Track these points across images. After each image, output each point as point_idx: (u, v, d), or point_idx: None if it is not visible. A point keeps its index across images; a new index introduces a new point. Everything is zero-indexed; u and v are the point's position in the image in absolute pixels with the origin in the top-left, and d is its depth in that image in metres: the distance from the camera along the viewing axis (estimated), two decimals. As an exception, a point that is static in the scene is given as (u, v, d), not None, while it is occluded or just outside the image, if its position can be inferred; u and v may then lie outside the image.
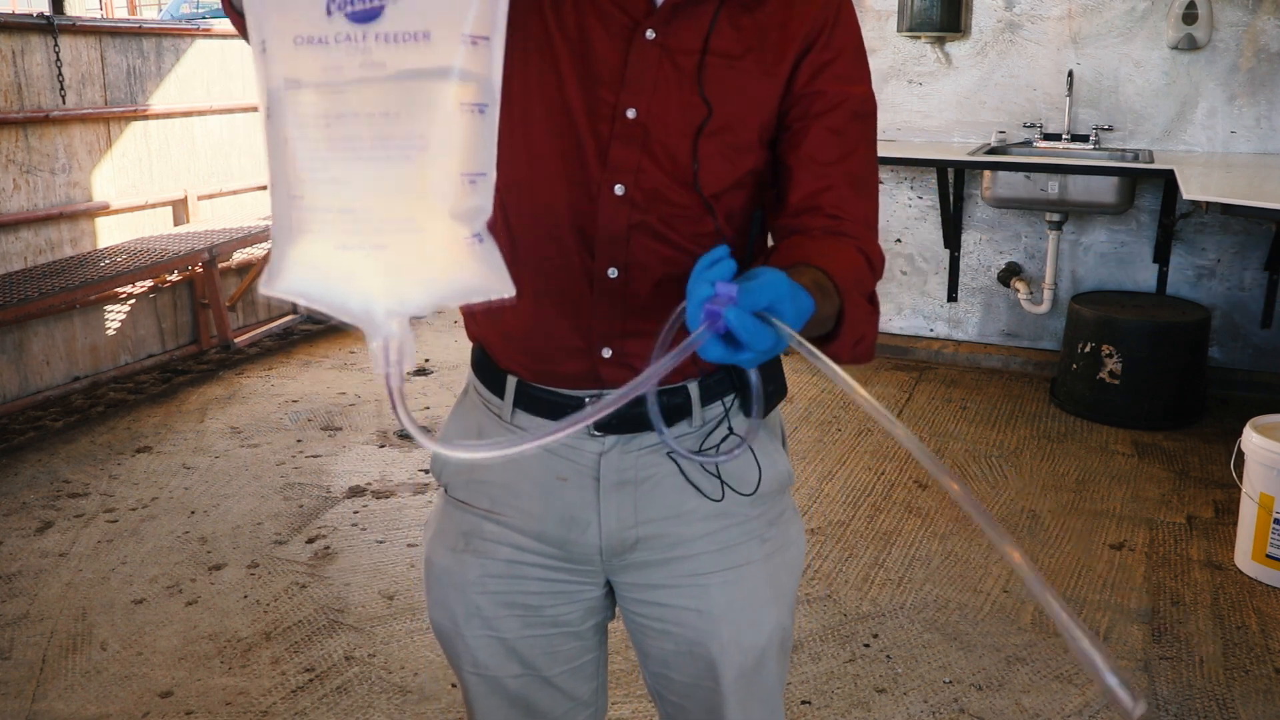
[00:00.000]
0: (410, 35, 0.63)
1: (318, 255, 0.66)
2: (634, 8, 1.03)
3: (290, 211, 0.65)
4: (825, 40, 1.07)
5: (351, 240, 0.65)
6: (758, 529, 1.17)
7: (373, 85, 0.64)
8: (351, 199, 0.65)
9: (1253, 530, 2.82)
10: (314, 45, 0.63)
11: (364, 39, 0.63)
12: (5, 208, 3.99)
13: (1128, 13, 4.26)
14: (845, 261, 1.01)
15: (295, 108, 0.64)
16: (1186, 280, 4.36)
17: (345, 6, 0.63)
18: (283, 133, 0.65)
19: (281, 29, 0.63)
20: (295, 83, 0.64)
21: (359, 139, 0.64)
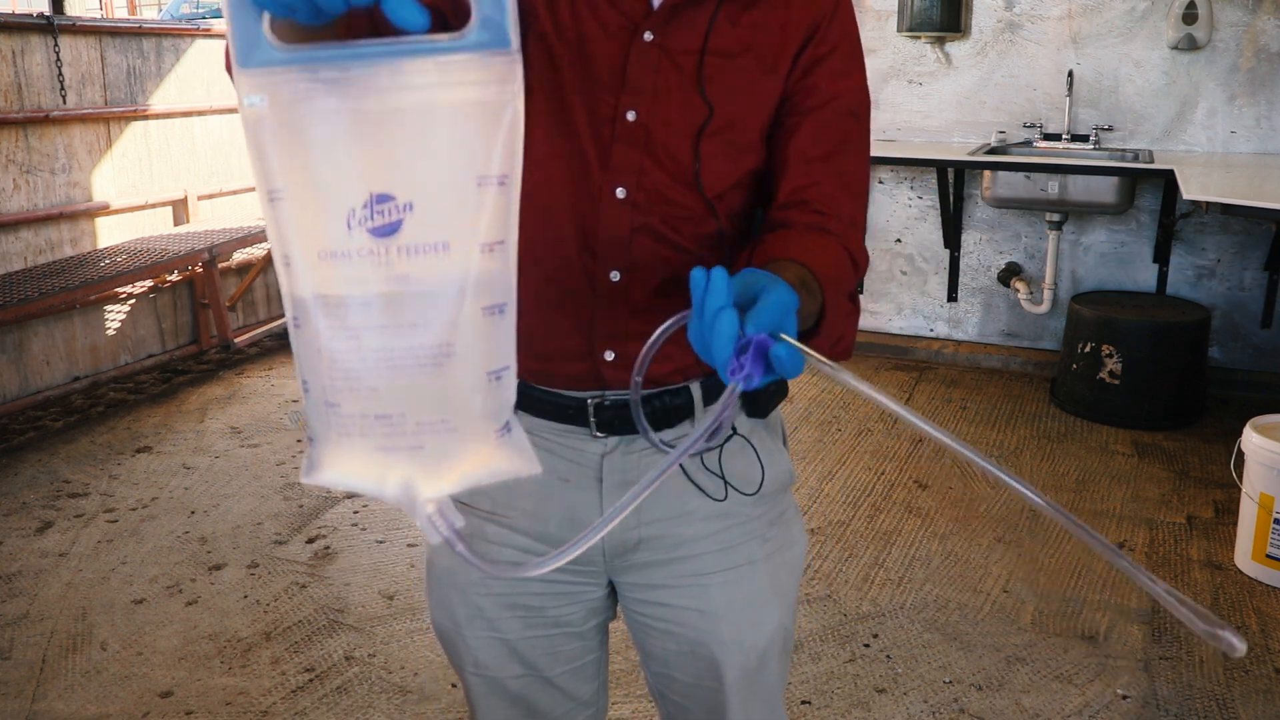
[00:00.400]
0: (430, 247, 0.65)
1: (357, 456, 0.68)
2: (632, 9, 1.02)
3: (328, 416, 0.68)
4: (822, 34, 1.06)
5: (388, 443, 0.68)
6: (759, 529, 1.17)
7: (398, 297, 0.66)
8: (387, 406, 0.67)
9: (1253, 530, 2.82)
10: (338, 259, 0.65)
11: (385, 252, 0.65)
12: (5, 208, 3.99)
13: (1128, 13, 4.26)
14: (829, 258, 1.00)
15: (325, 320, 0.66)
16: (1186, 280, 4.36)
17: (365, 222, 0.64)
18: (315, 344, 0.67)
19: (305, 245, 0.65)
20: (323, 297, 0.66)
21: (390, 349, 0.66)
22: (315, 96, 0.64)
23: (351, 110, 0.64)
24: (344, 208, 0.64)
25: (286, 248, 0.66)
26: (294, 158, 0.65)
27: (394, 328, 0.66)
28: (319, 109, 0.64)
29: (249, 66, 0.64)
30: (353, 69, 0.63)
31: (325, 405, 0.68)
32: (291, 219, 0.65)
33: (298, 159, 0.65)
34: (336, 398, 0.67)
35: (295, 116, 0.64)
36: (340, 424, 0.68)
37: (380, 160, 0.65)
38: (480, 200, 0.66)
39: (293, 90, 0.64)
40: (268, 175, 0.65)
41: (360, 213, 0.64)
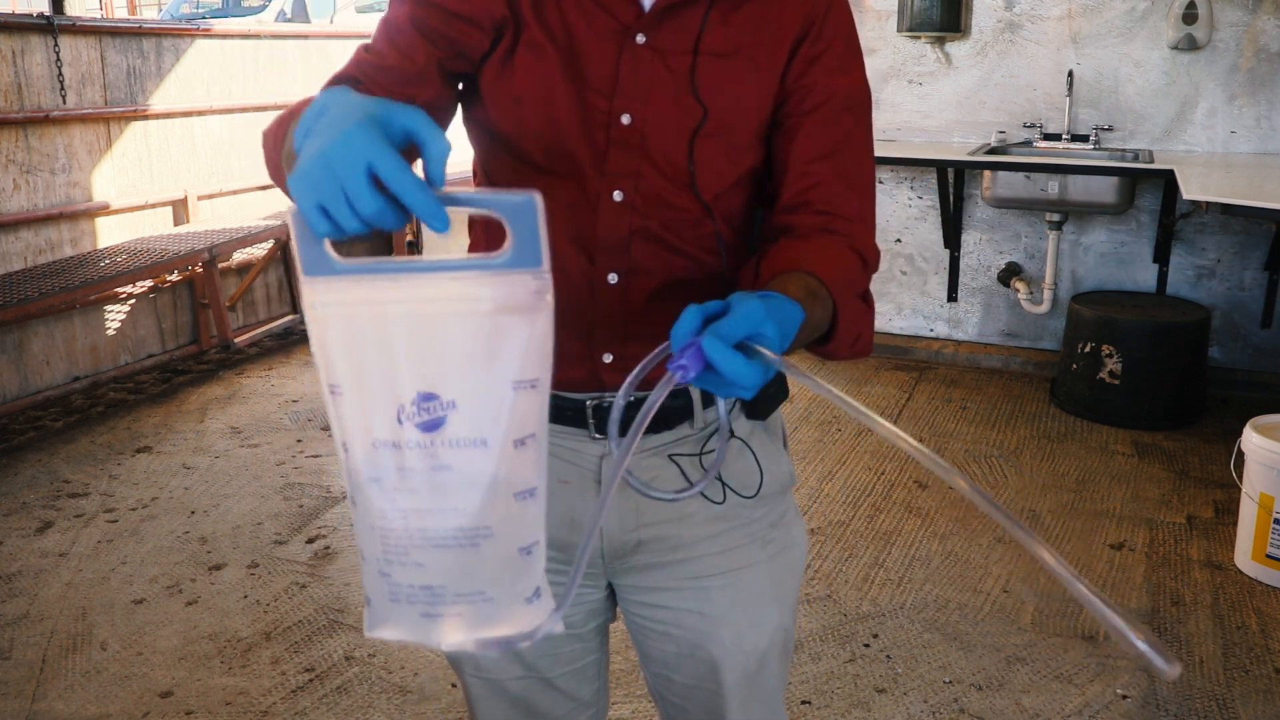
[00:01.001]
0: (470, 442, 0.74)
1: (406, 618, 0.77)
2: (623, 12, 1.02)
3: (381, 584, 0.77)
4: (817, 32, 1.06)
5: (431, 610, 0.77)
6: (760, 531, 1.17)
7: (442, 485, 0.74)
8: (430, 578, 0.76)
9: (1253, 530, 2.82)
10: (390, 449, 0.73)
11: (431, 445, 0.73)
12: (5, 208, 3.99)
13: (1128, 13, 4.26)
14: (835, 262, 1.00)
15: (379, 502, 0.75)
16: (1186, 280, 4.36)
17: (414, 417, 0.73)
18: (369, 521, 0.75)
19: (361, 435, 0.74)
20: (377, 481, 0.74)
21: (434, 530, 0.75)
22: (371, 304, 0.72)
23: (403, 317, 0.72)
24: (395, 403, 0.73)
25: (345, 436, 0.75)
26: (353, 358, 0.73)
27: (438, 511, 0.75)
28: (374, 315, 0.72)
29: (314, 275, 0.72)
30: (403, 281, 0.72)
31: (379, 574, 0.76)
32: (349, 412, 0.74)
33: (356, 359, 0.73)
34: (388, 569, 0.76)
35: (354, 321, 0.72)
36: (391, 591, 0.76)
37: (428, 363, 0.73)
38: (515, 402, 0.74)
39: (352, 297, 0.72)
40: (329, 371, 0.73)
41: (409, 409, 0.73)
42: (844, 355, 1.02)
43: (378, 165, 0.69)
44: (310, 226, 0.71)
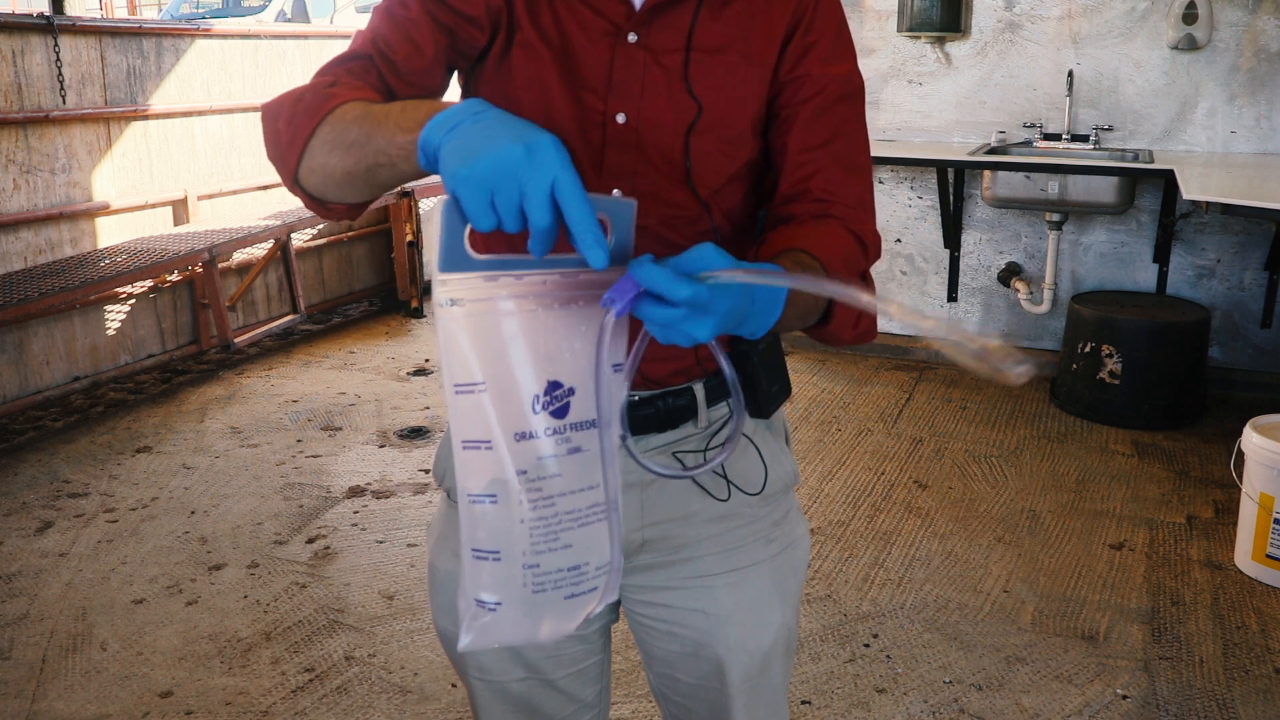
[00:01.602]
0: (588, 423, 0.81)
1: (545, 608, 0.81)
2: (613, 12, 1.02)
3: (524, 579, 0.80)
4: (808, 23, 1.06)
5: (575, 589, 0.82)
6: (763, 529, 1.17)
7: (575, 465, 0.81)
8: (579, 557, 0.82)
9: (1253, 530, 2.82)
10: (528, 440, 0.79)
11: (564, 430, 0.80)
12: (5, 208, 3.99)
13: (1128, 13, 4.26)
14: (831, 241, 1.00)
15: (527, 493, 0.79)
16: (1186, 280, 4.36)
17: (547, 406, 0.79)
18: (516, 515, 0.79)
19: (505, 429, 0.78)
20: (523, 473, 0.79)
21: (577, 510, 0.81)
22: (497, 299, 0.78)
23: (529, 311, 0.78)
24: (529, 394, 0.79)
25: (486, 433, 0.78)
26: (489, 354, 0.78)
27: (577, 491, 0.81)
28: (501, 310, 0.78)
29: (449, 271, 0.76)
30: (527, 277, 0.78)
31: (523, 569, 0.80)
32: (491, 407, 0.78)
33: (493, 354, 0.78)
34: (536, 559, 0.80)
35: (485, 316, 0.77)
36: (537, 582, 0.80)
37: (550, 353, 0.79)
38: (614, 383, 0.81)
39: (482, 293, 0.77)
40: (465, 371, 0.77)
41: (543, 399, 0.79)
42: (847, 339, 1.02)
43: (560, 183, 0.72)
44: (471, 220, 0.74)
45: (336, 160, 0.90)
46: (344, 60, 1.01)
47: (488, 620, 0.80)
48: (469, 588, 0.81)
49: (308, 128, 0.91)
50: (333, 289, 5.58)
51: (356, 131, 0.87)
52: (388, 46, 1.00)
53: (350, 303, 5.68)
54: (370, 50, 1.01)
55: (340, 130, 0.89)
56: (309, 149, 0.91)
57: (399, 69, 1.00)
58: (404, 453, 3.75)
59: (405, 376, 4.61)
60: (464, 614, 0.81)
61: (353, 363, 4.82)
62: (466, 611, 0.81)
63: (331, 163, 0.90)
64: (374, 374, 4.65)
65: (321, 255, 5.48)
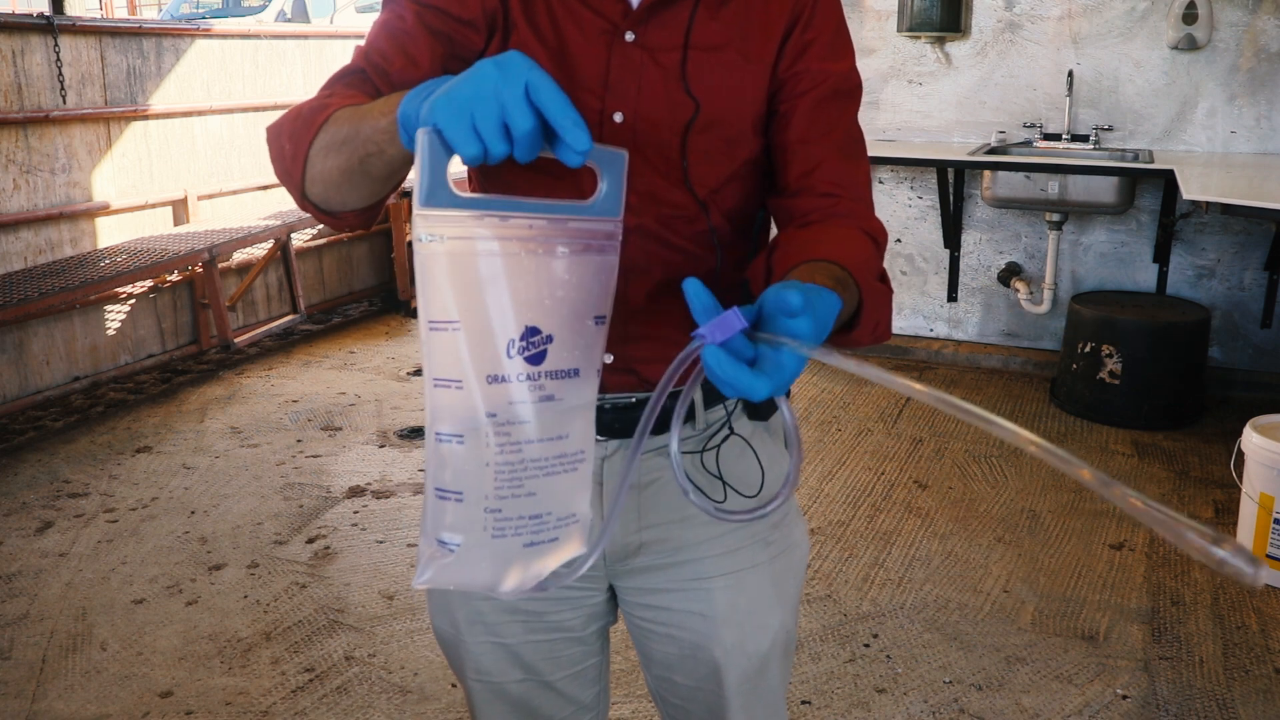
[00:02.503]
0: (566, 373, 0.81)
1: (503, 554, 0.80)
2: (610, 10, 1.02)
3: (485, 521, 0.79)
4: (806, 20, 1.06)
5: (535, 538, 0.81)
6: (762, 532, 1.17)
7: (548, 414, 0.80)
8: (540, 506, 0.81)
9: (1253, 530, 2.82)
10: (502, 383, 0.78)
11: (537, 376, 0.79)
12: (5, 208, 3.99)
13: (1128, 13, 4.26)
14: (853, 247, 1.00)
15: (495, 436, 0.78)
16: (1186, 280, 4.36)
17: (523, 351, 0.78)
18: (482, 457, 0.78)
19: (476, 369, 0.77)
20: (492, 415, 0.78)
21: (545, 458, 0.80)
22: (479, 239, 0.76)
23: (512, 254, 0.77)
24: (505, 338, 0.77)
25: (458, 372, 0.77)
26: (466, 292, 0.76)
27: (547, 440, 0.80)
28: (486, 251, 0.76)
29: (429, 207, 0.74)
30: (510, 219, 0.77)
31: (485, 512, 0.79)
32: (464, 346, 0.77)
33: (470, 294, 0.76)
34: (499, 504, 0.79)
35: (467, 256, 0.76)
36: (498, 526, 0.79)
37: (529, 298, 0.78)
38: (596, 334, 0.82)
39: (463, 231, 0.76)
40: (442, 307, 0.76)
41: (518, 343, 0.78)
42: (866, 342, 1.01)
43: (534, 83, 0.72)
44: (455, 147, 0.73)
45: (332, 161, 0.90)
46: (341, 77, 1.01)
47: (447, 560, 0.79)
48: (430, 527, 0.80)
49: (307, 139, 0.92)
50: (333, 289, 5.58)
51: (346, 129, 0.88)
52: (382, 59, 1.01)
53: (350, 303, 5.68)
54: (364, 64, 1.01)
55: (333, 133, 0.89)
56: (309, 159, 0.92)
57: (393, 80, 1.00)
58: (404, 453, 3.75)
59: (405, 376, 4.61)
60: (423, 553, 0.81)
61: (353, 363, 4.82)
62: (426, 550, 0.80)
63: (328, 165, 0.91)
64: (374, 374, 4.65)
65: (321, 255, 5.48)
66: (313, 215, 0.98)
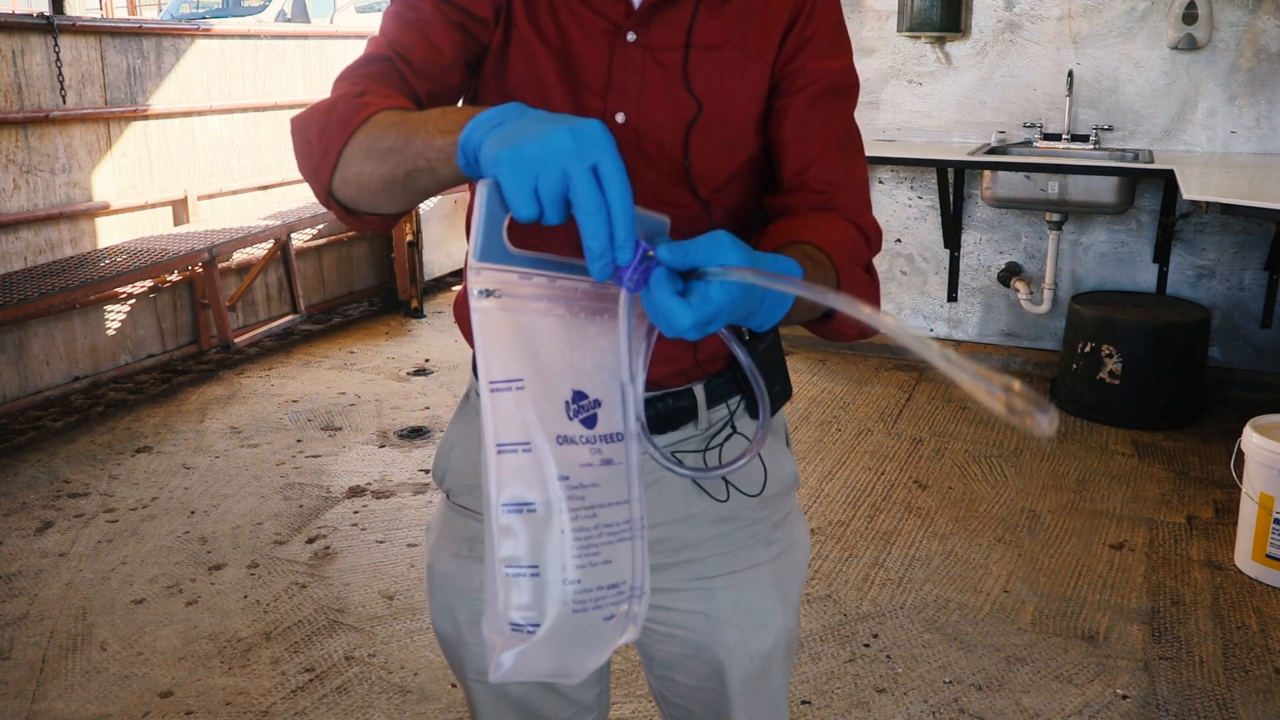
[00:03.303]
0: (615, 436, 0.78)
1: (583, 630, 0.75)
2: (612, 11, 1.02)
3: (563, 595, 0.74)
4: (806, 18, 1.07)
5: (614, 609, 0.77)
6: (764, 531, 1.16)
7: (611, 478, 0.77)
8: (618, 574, 0.77)
9: (1253, 530, 2.82)
10: (568, 445, 0.75)
11: (595, 440, 0.77)
12: (5, 208, 3.99)
13: (1128, 13, 4.26)
14: (833, 231, 1.00)
15: (569, 501, 0.75)
16: (1186, 280, 4.36)
17: (577, 414, 0.76)
18: (557, 525, 0.74)
19: (545, 431, 0.74)
20: (565, 479, 0.75)
21: (615, 524, 0.77)
22: (534, 298, 0.75)
23: (560, 315, 0.76)
24: (562, 399, 0.75)
25: (525, 434, 0.74)
26: (526, 351, 0.74)
27: (614, 505, 0.77)
28: (538, 309, 0.75)
29: (485, 261, 0.73)
30: (561, 280, 0.75)
31: (563, 584, 0.74)
32: (530, 407, 0.74)
33: (529, 353, 0.74)
34: (578, 574, 0.75)
35: (521, 313, 0.74)
36: (578, 600, 0.75)
37: (577, 361, 0.77)
38: (628, 398, 0.79)
39: (517, 290, 0.74)
40: (502, 367, 0.73)
41: (572, 406, 0.76)
42: (850, 334, 1.01)
43: (603, 163, 0.70)
44: (511, 206, 0.71)
45: (373, 168, 0.87)
46: (364, 65, 0.99)
47: (526, 645, 0.73)
48: (500, 609, 0.74)
49: (341, 137, 0.89)
50: (333, 289, 5.58)
51: (393, 138, 0.85)
52: (405, 48, 0.99)
53: (350, 303, 5.67)
54: (389, 53, 0.99)
55: (376, 138, 0.87)
56: (343, 159, 0.89)
57: (418, 69, 0.99)
58: (404, 453, 3.75)
59: (405, 376, 4.61)
60: (493, 643, 0.75)
61: (353, 363, 4.82)
62: (497, 639, 0.75)
63: (367, 171, 0.88)
64: (374, 374, 4.65)
65: (321, 255, 5.47)
66: (336, 214, 0.95)
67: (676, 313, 0.72)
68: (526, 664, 0.74)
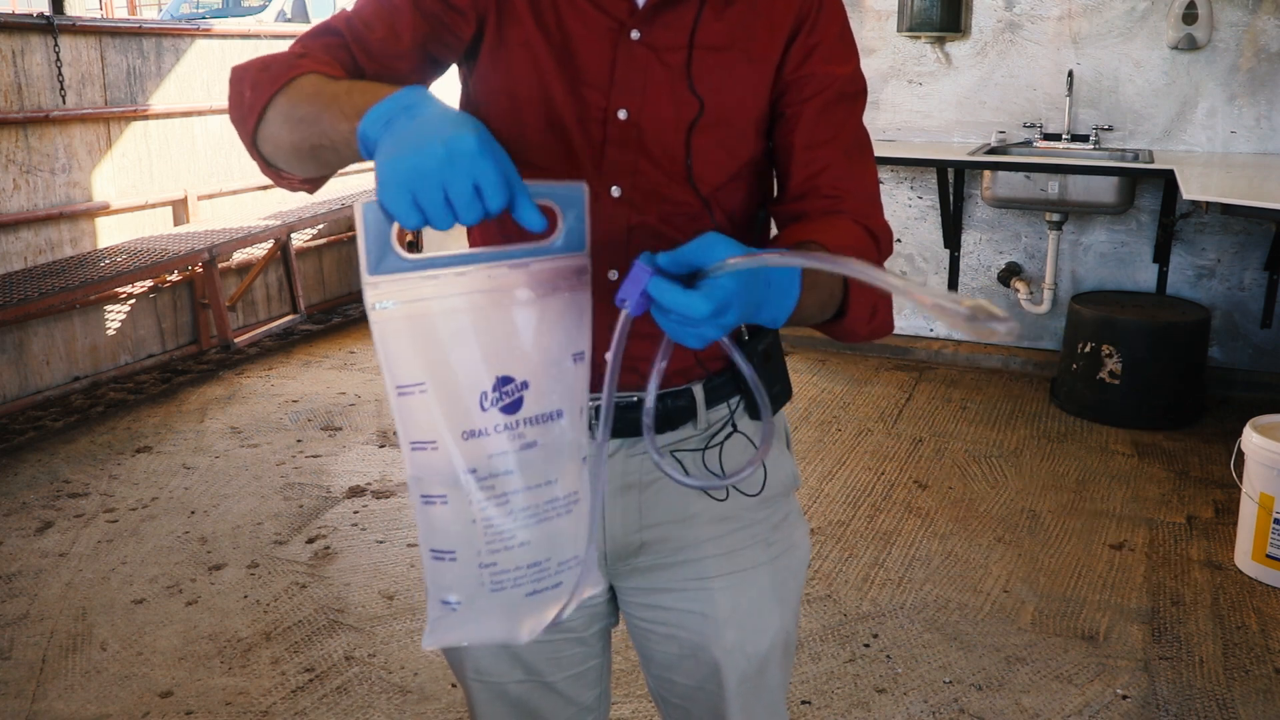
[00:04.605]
0: (546, 416, 0.80)
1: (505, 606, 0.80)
2: (616, 9, 1.03)
3: (481, 576, 0.79)
4: (811, 24, 1.07)
5: (537, 586, 0.81)
6: (763, 532, 1.16)
7: (532, 461, 0.79)
8: (538, 554, 0.80)
9: (1252, 530, 2.82)
10: (480, 437, 0.78)
11: (516, 425, 0.79)
12: (5, 208, 3.99)
13: (1128, 12, 4.26)
14: (841, 233, 1.01)
15: (479, 492, 0.78)
16: (1186, 280, 4.36)
17: (496, 402, 0.78)
18: (467, 515, 0.78)
19: (450, 428, 0.77)
20: (473, 471, 0.77)
21: (536, 506, 0.80)
22: (441, 299, 0.76)
23: (474, 308, 0.77)
24: (477, 391, 0.77)
25: (432, 433, 0.77)
26: (429, 353, 0.76)
27: (535, 487, 0.80)
28: (443, 308, 0.76)
29: (378, 273, 0.74)
30: (468, 273, 0.77)
31: (479, 568, 0.79)
32: (435, 407, 0.76)
33: (433, 353, 0.76)
34: (492, 557, 0.79)
35: (426, 317, 0.76)
36: (495, 580, 0.79)
37: (498, 348, 0.78)
38: (575, 373, 0.81)
39: (418, 293, 0.75)
40: (406, 372, 0.76)
41: (491, 395, 0.78)
42: (863, 333, 1.02)
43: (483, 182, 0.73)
44: (399, 219, 0.74)
45: (286, 134, 0.91)
46: (319, 34, 1.01)
47: (450, 618, 0.80)
48: (433, 589, 0.80)
49: (266, 94, 0.93)
50: (333, 289, 5.58)
51: (306, 108, 0.88)
52: (365, 26, 1.01)
53: (350, 302, 5.67)
54: (344, 28, 1.01)
55: (294, 104, 0.90)
56: (265, 116, 0.93)
57: (371, 50, 1.00)
58: (404, 453, 3.75)
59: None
60: (430, 614, 0.81)
61: (353, 363, 4.82)
62: (433, 611, 0.80)
63: (282, 135, 0.92)
64: (374, 374, 4.65)
65: (321, 255, 5.47)
66: (259, 167, 0.99)
67: (693, 304, 0.74)
68: (451, 633, 0.80)
